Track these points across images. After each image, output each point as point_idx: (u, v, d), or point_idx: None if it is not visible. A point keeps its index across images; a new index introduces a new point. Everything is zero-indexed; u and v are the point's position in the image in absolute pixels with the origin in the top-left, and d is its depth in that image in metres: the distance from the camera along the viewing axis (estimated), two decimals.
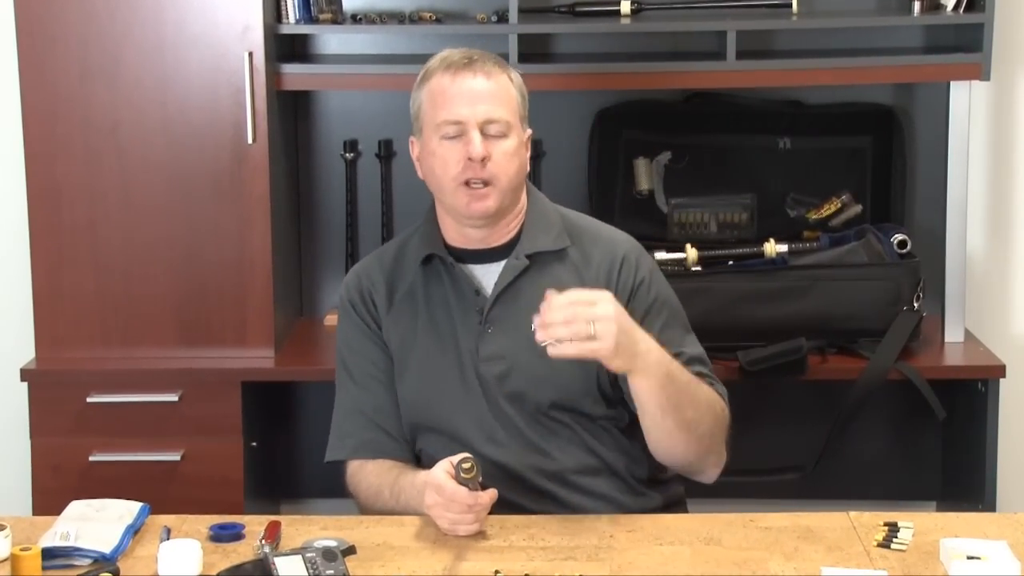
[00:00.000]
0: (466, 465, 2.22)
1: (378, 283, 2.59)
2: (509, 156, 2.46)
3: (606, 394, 2.50)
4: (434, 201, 2.57)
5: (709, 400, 2.44)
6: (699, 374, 2.47)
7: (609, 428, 2.52)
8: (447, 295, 2.54)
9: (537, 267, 2.51)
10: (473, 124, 2.43)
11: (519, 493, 2.47)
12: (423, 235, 2.58)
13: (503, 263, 2.52)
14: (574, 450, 2.50)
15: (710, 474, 2.50)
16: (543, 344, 2.24)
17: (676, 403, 2.35)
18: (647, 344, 2.31)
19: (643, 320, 2.45)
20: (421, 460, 2.55)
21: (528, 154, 2.53)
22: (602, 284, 2.48)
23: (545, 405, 2.49)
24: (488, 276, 2.53)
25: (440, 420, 2.51)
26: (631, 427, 2.51)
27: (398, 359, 2.56)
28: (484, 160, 2.43)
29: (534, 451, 2.49)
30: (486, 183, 2.44)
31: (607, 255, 2.54)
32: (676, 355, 2.42)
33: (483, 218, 2.48)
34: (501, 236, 2.53)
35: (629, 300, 2.49)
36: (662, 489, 2.57)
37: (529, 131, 2.54)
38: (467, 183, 2.44)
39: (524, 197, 2.56)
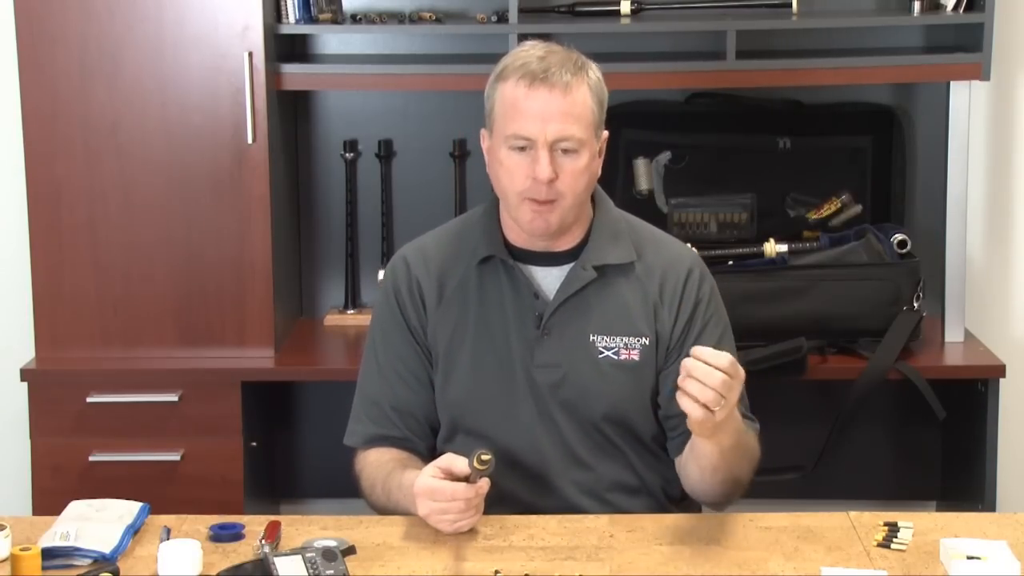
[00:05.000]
0: (485, 457, 2.19)
1: (429, 274, 2.52)
2: (578, 174, 2.39)
3: (656, 412, 2.49)
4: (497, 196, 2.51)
5: (752, 456, 2.43)
6: None
7: (654, 449, 2.50)
8: (503, 295, 2.49)
9: (602, 279, 2.47)
10: (543, 143, 2.36)
11: (552, 505, 2.45)
12: (483, 230, 2.51)
13: (565, 268, 2.48)
14: (616, 468, 2.49)
15: (725, 507, 2.50)
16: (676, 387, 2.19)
17: (727, 466, 2.35)
18: (731, 418, 2.27)
19: (699, 336, 2.46)
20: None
21: (601, 160, 2.46)
22: (666, 298, 2.47)
23: (598, 417, 2.46)
24: (548, 280, 2.48)
25: (484, 424, 2.48)
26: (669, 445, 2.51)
27: (444, 357, 2.51)
28: (551, 181, 2.37)
29: (576, 464, 2.47)
30: (551, 200, 2.39)
31: (672, 268, 2.50)
32: None
33: (544, 235, 2.44)
34: (566, 241, 2.48)
35: (691, 315, 2.48)
36: (686, 507, 2.56)
37: (605, 134, 2.47)
38: (531, 199, 2.39)
39: (590, 202, 2.51)
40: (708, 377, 2.15)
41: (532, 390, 2.47)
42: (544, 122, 2.36)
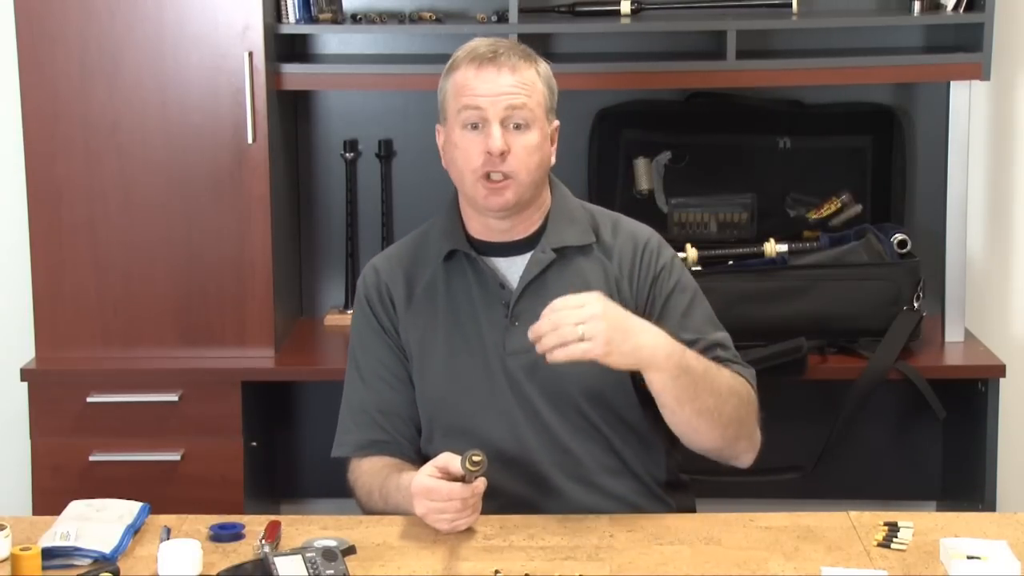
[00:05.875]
0: (476, 458, 2.21)
1: (397, 279, 2.56)
2: (530, 150, 2.43)
3: (636, 387, 2.48)
4: (457, 193, 2.55)
5: (731, 385, 2.42)
6: (720, 359, 2.46)
7: (635, 428, 2.50)
8: (470, 289, 2.51)
9: (563, 260, 2.49)
10: (494, 116, 2.41)
11: (540, 492, 2.46)
12: (443, 229, 2.55)
13: (527, 256, 2.50)
14: (598, 450, 2.49)
15: (744, 459, 2.48)
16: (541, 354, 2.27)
17: (693, 393, 2.34)
18: (651, 338, 2.30)
19: (665, 304, 2.47)
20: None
21: (554, 146, 2.51)
22: (625, 272, 2.50)
23: (576, 396, 2.47)
24: (512, 269, 2.51)
25: (463, 418, 2.49)
26: (654, 427, 2.50)
27: (418, 357, 2.53)
28: (503, 154, 2.41)
29: (559, 449, 2.48)
30: (505, 176, 2.42)
31: (629, 243, 2.53)
32: (698, 340, 2.43)
33: (501, 211, 2.46)
34: (525, 229, 2.51)
35: (652, 285, 2.49)
36: (679, 496, 2.57)
37: (556, 123, 2.51)
38: (486, 176, 2.43)
39: (547, 190, 2.54)
40: (550, 323, 2.25)
41: (508, 379, 2.48)
42: (495, 95, 2.41)
